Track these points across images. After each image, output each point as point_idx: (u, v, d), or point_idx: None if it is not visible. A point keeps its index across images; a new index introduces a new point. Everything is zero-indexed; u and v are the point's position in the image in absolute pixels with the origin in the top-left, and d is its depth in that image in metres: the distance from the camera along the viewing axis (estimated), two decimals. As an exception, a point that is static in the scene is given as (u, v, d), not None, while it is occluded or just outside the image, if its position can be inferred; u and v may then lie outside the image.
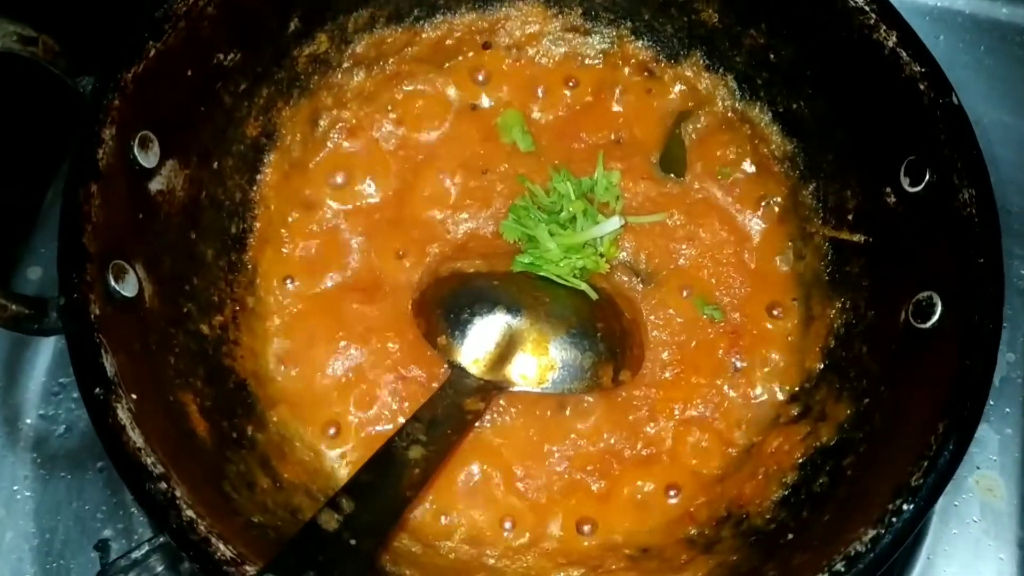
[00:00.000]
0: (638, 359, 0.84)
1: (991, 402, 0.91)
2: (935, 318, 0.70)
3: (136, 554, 0.69)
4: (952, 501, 0.88)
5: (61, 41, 0.70)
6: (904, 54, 0.74)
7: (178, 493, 0.61)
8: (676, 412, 0.83)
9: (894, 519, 0.62)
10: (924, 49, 0.74)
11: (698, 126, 0.91)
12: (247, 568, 0.60)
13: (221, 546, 0.60)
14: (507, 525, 0.79)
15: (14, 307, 0.65)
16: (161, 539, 0.68)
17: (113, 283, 0.67)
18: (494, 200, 0.89)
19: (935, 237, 0.72)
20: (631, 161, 0.90)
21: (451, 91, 0.93)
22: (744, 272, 0.88)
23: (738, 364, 0.85)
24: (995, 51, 1.08)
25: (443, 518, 0.79)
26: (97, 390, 0.62)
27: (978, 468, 0.90)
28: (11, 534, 0.86)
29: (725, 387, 0.84)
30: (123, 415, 0.62)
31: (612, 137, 0.92)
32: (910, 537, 0.63)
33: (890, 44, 0.74)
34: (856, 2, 0.76)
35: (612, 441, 0.82)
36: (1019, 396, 0.92)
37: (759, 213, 0.89)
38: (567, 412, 0.83)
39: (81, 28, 0.73)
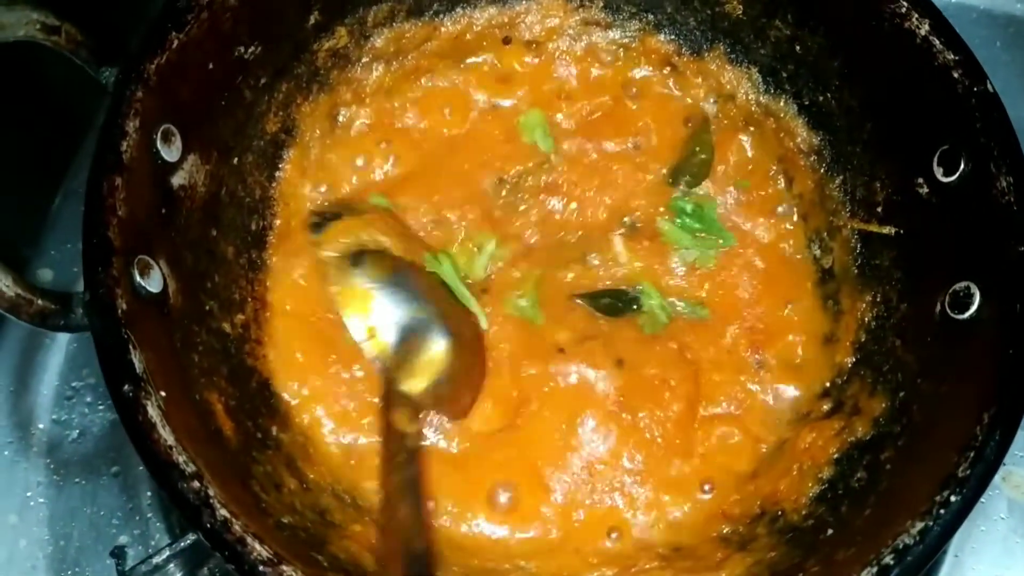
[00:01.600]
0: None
1: (1016, 398, 0.90)
2: (973, 308, 0.69)
3: (156, 559, 0.67)
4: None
5: (83, 30, 0.69)
6: (937, 42, 0.73)
7: (211, 492, 0.59)
8: (700, 411, 0.82)
9: (942, 511, 0.61)
10: (957, 36, 0.73)
11: (721, 125, 0.91)
12: (284, 568, 0.58)
13: (257, 546, 0.58)
14: (536, 527, 0.78)
15: (40, 302, 0.63)
16: (181, 544, 0.66)
17: (139, 278, 0.65)
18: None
19: (971, 226, 0.71)
20: (645, 180, 0.90)
21: (471, 88, 0.92)
22: (760, 273, 0.87)
23: (761, 360, 0.84)
24: (1011, 46, 1.08)
25: (470, 524, 0.78)
26: (126, 387, 0.60)
27: (1004, 465, 0.86)
28: (25, 541, 0.84)
29: (749, 384, 0.83)
30: (153, 412, 0.60)
31: (630, 144, 0.91)
32: (959, 528, 0.62)
33: (922, 32, 0.74)
34: (887, -10, 0.75)
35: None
36: (1044, 392, 0.91)
37: (780, 210, 0.89)
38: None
39: (101, 17, 0.72)
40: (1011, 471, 0.90)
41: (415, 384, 0.79)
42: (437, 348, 0.80)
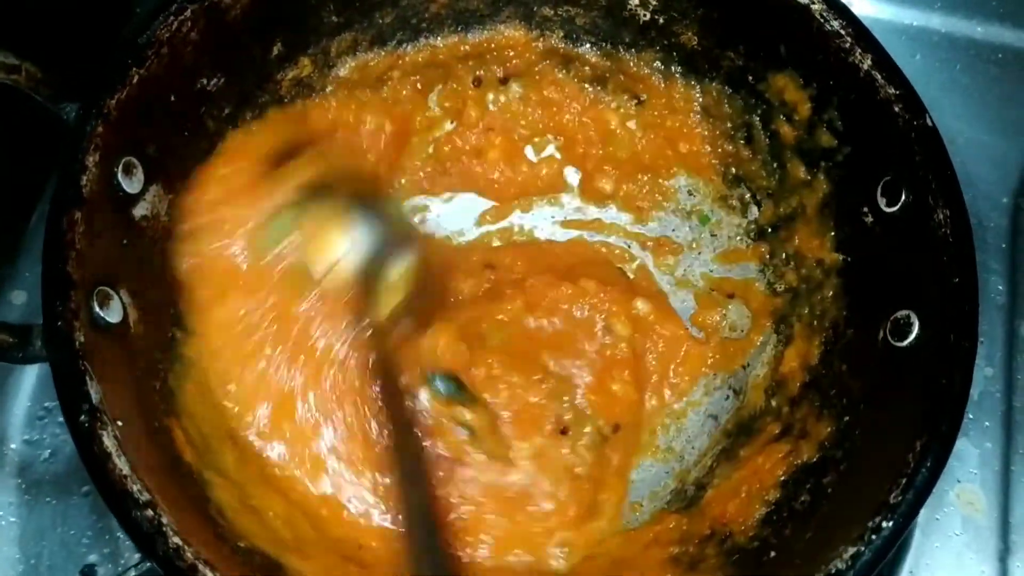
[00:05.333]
0: None
1: (970, 416, 0.92)
2: (912, 337, 0.71)
3: (123, 578, 0.69)
4: (934, 515, 0.89)
5: (43, 68, 0.70)
6: (879, 76, 0.75)
7: (164, 520, 0.61)
8: None
9: (874, 536, 0.63)
10: (898, 71, 0.75)
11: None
12: (234, 594, 0.60)
13: (208, 573, 0.60)
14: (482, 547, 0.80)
15: (-2, 335, 0.65)
16: (148, 564, 0.68)
17: (98, 310, 0.67)
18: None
19: (911, 257, 0.73)
20: None
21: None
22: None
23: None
24: (970, 69, 1.09)
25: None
26: (82, 418, 0.62)
27: (959, 482, 0.90)
28: (-6, 561, 0.86)
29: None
30: (109, 442, 0.62)
31: None
32: (890, 554, 0.63)
33: (865, 67, 0.76)
34: (832, 26, 0.77)
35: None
36: (998, 410, 0.92)
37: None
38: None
39: (64, 54, 0.73)
40: (964, 488, 0.91)
41: (386, 304, 0.79)
42: (404, 263, 0.81)
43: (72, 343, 0.64)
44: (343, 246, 0.79)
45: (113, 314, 0.69)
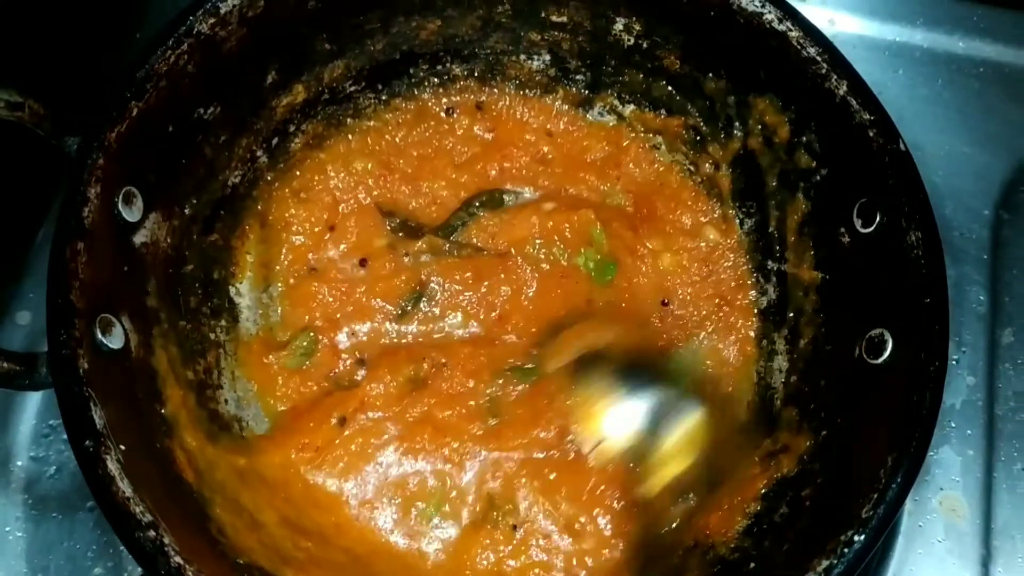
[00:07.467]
0: None
1: (953, 424, 0.94)
2: (886, 354, 0.73)
3: (127, 592, 0.71)
4: (917, 522, 0.91)
5: (46, 104, 0.72)
6: (854, 102, 0.77)
7: (166, 540, 0.63)
8: None
9: (846, 550, 0.65)
10: (873, 97, 0.77)
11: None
12: (233, 612, 0.63)
13: (208, 590, 0.63)
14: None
15: (5, 364, 0.67)
16: (152, 577, 0.70)
17: (100, 336, 0.69)
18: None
19: (885, 276, 0.76)
20: None
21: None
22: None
23: None
24: (952, 83, 1.10)
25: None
26: (87, 443, 0.64)
27: (941, 489, 0.92)
28: (3, 575, 0.88)
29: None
30: (112, 466, 0.64)
31: None
32: (862, 566, 0.66)
33: (841, 92, 0.78)
34: (808, 52, 0.79)
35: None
36: (980, 418, 0.95)
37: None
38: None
39: (64, 88, 0.75)
40: (947, 495, 0.93)
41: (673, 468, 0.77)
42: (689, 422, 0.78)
43: (76, 370, 0.66)
44: (611, 422, 0.78)
45: (115, 340, 0.71)
